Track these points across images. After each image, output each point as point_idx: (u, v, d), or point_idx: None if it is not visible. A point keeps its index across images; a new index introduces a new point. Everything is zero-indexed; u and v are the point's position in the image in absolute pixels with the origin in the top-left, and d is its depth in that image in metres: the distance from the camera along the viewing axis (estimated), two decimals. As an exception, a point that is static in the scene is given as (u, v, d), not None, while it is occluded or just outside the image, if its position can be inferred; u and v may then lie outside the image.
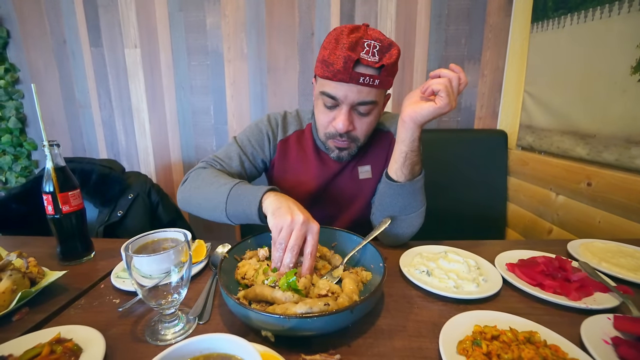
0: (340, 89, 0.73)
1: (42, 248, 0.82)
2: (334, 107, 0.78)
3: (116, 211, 1.12)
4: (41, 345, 0.46)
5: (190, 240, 0.54)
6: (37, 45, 1.62)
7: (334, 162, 0.91)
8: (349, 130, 0.78)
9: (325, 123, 0.81)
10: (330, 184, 0.92)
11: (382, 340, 0.49)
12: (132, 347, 0.50)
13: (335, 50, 0.72)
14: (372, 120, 0.80)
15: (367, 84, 0.72)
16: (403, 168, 0.73)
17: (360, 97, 0.74)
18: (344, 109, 0.75)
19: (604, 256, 0.70)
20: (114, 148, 1.72)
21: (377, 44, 0.71)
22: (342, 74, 0.71)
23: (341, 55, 0.70)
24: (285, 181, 0.92)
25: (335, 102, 0.76)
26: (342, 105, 0.76)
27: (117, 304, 0.61)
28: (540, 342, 0.45)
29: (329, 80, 0.74)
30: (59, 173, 0.72)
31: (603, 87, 1.01)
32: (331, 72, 0.72)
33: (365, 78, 0.70)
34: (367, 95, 0.74)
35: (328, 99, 0.76)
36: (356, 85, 0.72)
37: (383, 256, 0.61)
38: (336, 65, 0.71)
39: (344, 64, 0.70)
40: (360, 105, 0.76)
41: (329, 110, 0.79)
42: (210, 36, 1.55)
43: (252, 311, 0.45)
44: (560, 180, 1.20)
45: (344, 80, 0.71)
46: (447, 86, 0.63)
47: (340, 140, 0.81)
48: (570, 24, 1.11)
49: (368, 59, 0.70)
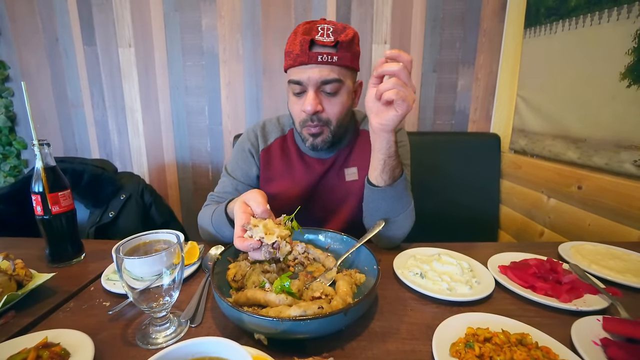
0: (302, 72, 0.77)
1: (31, 250, 0.80)
2: (302, 94, 0.81)
3: (108, 212, 1.11)
4: (27, 350, 0.45)
5: (182, 242, 0.54)
6: (29, 43, 1.59)
7: (318, 165, 0.92)
8: (317, 110, 0.79)
9: (297, 112, 0.83)
10: (317, 187, 0.93)
11: (376, 343, 0.49)
12: (122, 351, 0.49)
13: (293, 40, 0.78)
14: (341, 100, 0.81)
15: (326, 62, 0.75)
16: (383, 174, 0.74)
17: (322, 75, 0.76)
18: (310, 92, 0.78)
19: (594, 258, 0.71)
20: (106, 148, 1.70)
21: (330, 27, 0.76)
22: (301, 57, 0.75)
23: (297, 42, 0.75)
24: (271, 188, 0.93)
25: (302, 87, 0.79)
26: (307, 88, 0.79)
27: (107, 307, 0.60)
28: (531, 344, 0.45)
29: (292, 67, 0.78)
30: (49, 173, 0.71)
31: (593, 93, 1.03)
32: (292, 59, 0.77)
33: (322, 56, 0.74)
34: (329, 73, 0.76)
35: (295, 85, 0.80)
36: (316, 65, 0.75)
37: (377, 258, 0.61)
38: (295, 51, 0.76)
39: (301, 47, 0.75)
40: (325, 85, 0.78)
41: (298, 98, 0.82)
42: (206, 37, 1.54)
43: (245, 314, 0.45)
44: (552, 183, 1.22)
45: (304, 61, 0.75)
46: (399, 91, 0.62)
47: (312, 126, 0.82)
48: (562, 30, 1.13)
49: (323, 40, 0.74)
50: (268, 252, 0.56)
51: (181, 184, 1.72)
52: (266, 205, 0.60)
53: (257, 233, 0.55)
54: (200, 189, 1.70)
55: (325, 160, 0.93)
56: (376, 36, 1.51)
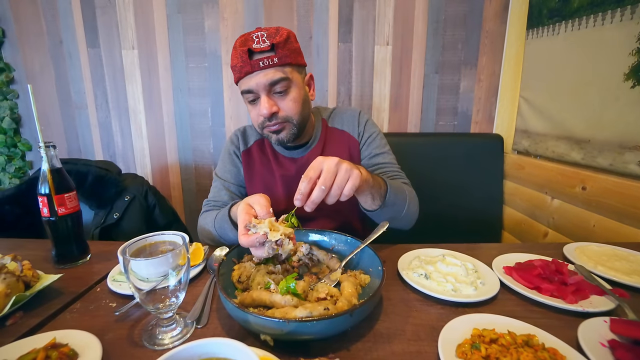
0: (250, 81, 0.81)
1: (37, 251, 0.81)
2: (256, 100, 0.84)
3: (112, 213, 1.11)
4: (36, 350, 0.45)
5: (188, 243, 0.54)
6: (33, 45, 1.60)
7: (291, 164, 0.96)
8: (272, 111, 0.82)
9: (255, 117, 0.87)
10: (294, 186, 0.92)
11: (381, 344, 0.49)
12: (129, 352, 0.49)
13: (234, 55, 0.81)
14: (293, 97, 0.84)
15: (268, 65, 0.79)
16: (373, 204, 0.75)
17: (268, 78, 0.80)
18: (263, 96, 0.82)
19: (600, 259, 0.70)
20: (110, 150, 1.71)
21: (264, 33, 0.79)
22: (245, 67, 0.79)
23: (238, 54, 0.79)
24: (254, 188, 0.98)
25: (254, 94, 0.82)
26: (259, 93, 0.82)
27: (114, 307, 0.60)
28: (538, 346, 0.45)
29: (241, 79, 0.82)
30: (54, 175, 0.71)
31: (597, 94, 1.03)
32: (237, 71, 0.81)
33: (263, 61, 0.78)
34: (274, 74, 0.80)
35: (247, 94, 0.83)
36: (260, 71, 0.79)
37: (382, 259, 0.61)
38: (238, 64, 0.80)
39: (241, 58, 0.79)
40: (275, 86, 0.81)
41: (254, 105, 0.85)
42: (209, 39, 1.55)
43: (251, 315, 0.45)
44: (556, 184, 1.21)
45: (249, 71, 0.79)
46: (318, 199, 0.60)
47: (271, 125, 0.85)
48: (565, 31, 1.13)
49: (259, 47, 0.78)
50: (271, 249, 0.56)
51: (184, 185, 1.72)
52: (269, 208, 0.61)
53: (262, 228, 0.56)
54: (203, 190, 1.71)
55: (297, 160, 0.96)
56: (378, 38, 1.52)
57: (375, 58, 1.53)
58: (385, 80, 1.55)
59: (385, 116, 1.60)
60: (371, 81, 1.56)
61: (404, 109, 1.59)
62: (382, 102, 1.58)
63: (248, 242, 0.57)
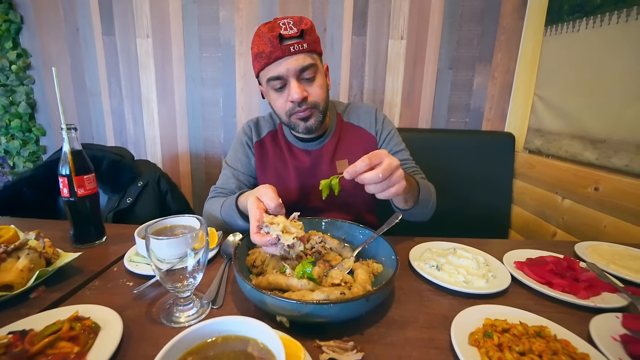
0: (280, 66, 0.80)
1: (55, 231, 0.83)
2: (283, 87, 0.83)
3: (125, 198, 1.13)
4: (61, 321, 0.47)
5: (206, 226, 0.55)
6: (50, 32, 1.62)
7: (304, 156, 0.96)
8: (304, 97, 0.82)
9: (282, 105, 0.86)
10: (308, 178, 0.96)
11: (395, 330, 0.50)
12: (148, 328, 0.51)
13: (260, 41, 0.80)
14: (320, 83, 0.85)
15: (298, 51, 0.79)
16: (406, 205, 0.79)
17: (299, 63, 0.80)
18: (292, 82, 0.81)
19: (612, 258, 0.70)
20: (122, 137, 1.73)
21: (289, 20, 0.79)
22: (275, 52, 0.78)
23: (266, 41, 0.78)
24: (266, 179, 0.98)
25: (282, 80, 0.82)
26: (288, 79, 0.81)
27: (131, 286, 0.62)
28: (550, 337, 0.46)
29: (268, 65, 0.81)
30: (75, 156, 0.73)
31: (616, 93, 1.01)
32: (266, 58, 0.80)
33: (294, 46, 0.78)
34: (304, 60, 0.80)
35: (275, 81, 0.82)
36: (290, 56, 0.79)
37: (395, 249, 0.61)
38: (266, 50, 0.79)
39: (271, 44, 0.78)
40: (304, 72, 0.81)
41: (280, 93, 0.84)
42: (223, 29, 1.55)
43: (268, 296, 0.46)
44: (567, 184, 1.20)
45: (279, 56, 0.79)
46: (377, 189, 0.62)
47: (300, 111, 0.84)
48: (586, 28, 1.11)
49: (289, 32, 0.78)
50: (283, 250, 0.57)
51: (194, 174, 1.74)
52: (278, 199, 0.62)
53: (275, 230, 0.57)
54: (213, 179, 1.71)
55: (311, 152, 0.96)
56: (393, 32, 1.50)
57: (389, 52, 1.52)
58: (398, 75, 1.55)
59: (397, 111, 1.59)
60: (384, 75, 1.55)
61: (415, 105, 1.58)
62: (394, 97, 1.57)
63: (260, 242, 0.59)
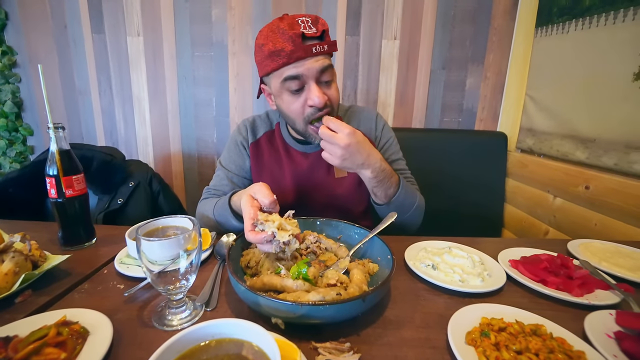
0: (300, 66, 0.75)
1: (42, 233, 0.80)
2: (300, 90, 0.78)
3: (116, 199, 1.11)
4: (47, 326, 0.45)
5: (198, 227, 0.54)
6: (37, 29, 1.58)
7: (302, 158, 0.94)
8: (325, 101, 0.77)
9: (298, 109, 0.80)
10: (306, 181, 0.94)
11: (391, 331, 0.50)
12: (140, 332, 0.49)
13: (277, 39, 0.74)
14: (336, 86, 0.82)
15: (320, 52, 0.75)
16: (377, 196, 0.80)
17: (320, 64, 0.75)
18: (312, 85, 0.76)
19: (604, 256, 0.71)
20: (112, 137, 1.70)
21: (307, 19, 0.75)
22: (297, 52, 0.73)
23: (287, 38, 0.73)
24: (262, 180, 0.92)
25: (300, 81, 0.76)
26: (307, 81, 0.77)
27: (122, 289, 0.60)
28: (546, 335, 0.46)
29: (287, 65, 0.75)
30: (63, 156, 0.71)
31: (605, 93, 1.03)
32: (286, 57, 0.74)
33: (315, 47, 0.74)
34: (324, 61, 0.76)
35: (292, 82, 0.76)
36: (312, 57, 0.75)
37: (390, 249, 0.61)
38: (287, 48, 0.73)
39: (293, 43, 0.72)
40: (323, 74, 0.77)
41: (296, 96, 0.79)
42: (216, 28, 1.54)
43: (263, 298, 0.45)
44: (559, 183, 1.22)
45: (301, 56, 0.73)
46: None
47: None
48: (575, 30, 1.13)
49: (310, 32, 0.74)
50: (279, 247, 0.57)
51: (186, 174, 1.72)
52: (273, 196, 0.61)
53: (270, 227, 0.56)
54: (206, 179, 1.70)
55: (309, 155, 0.94)
56: (386, 31, 1.51)
57: (382, 52, 1.53)
58: (391, 75, 1.55)
59: (391, 111, 1.59)
60: (377, 76, 1.55)
61: (409, 105, 1.59)
62: (387, 97, 1.58)
63: (255, 240, 0.58)
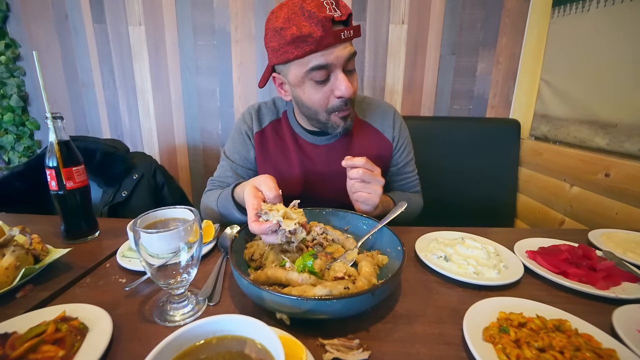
0: (330, 54, 0.68)
1: (46, 226, 0.80)
2: (325, 80, 0.72)
3: (121, 191, 1.10)
4: (46, 323, 0.44)
5: (200, 218, 0.52)
6: (38, 20, 1.56)
7: (311, 149, 0.89)
8: (352, 93, 0.72)
9: (323, 100, 0.74)
10: (314, 173, 0.89)
11: (402, 326, 0.47)
12: (140, 327, 0.48)
13: (303, 22, 0.65)
14: (356, 75, 0.78)
15: (347, 38, 0.68)
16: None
17: (347, 51, 0.69)
18: (339, 74, 0.70)
19: (629, 246, 0.67)
20: (117, 129, 1.69)
21: (332, 1, 0.67)
22: (327, 38, 0.66)
23: (316, 22, 0.65)
24: (268, 170, 0.91)
25: (327, 71, 0.70)
26: (334, 70, 0.71)
27: (124, 283, 0.59)
28: (571, 331, 0.43)
29: (314, 52, 0.68)
30: (62, 147, 0.69)
31: (628, 75, 0.97)
32: (314, 43, 0.66)
33: (344, 32, 0.67)
34: (350, 48, 0.70)
35: (319, 72, 0.70)
36: (341, 44, 0.68)
37: (401, 240, 0.58)
38: (316, 34, 0.65)
39: (323, 27, 0.65)
40: (348, 62, 0.71)
41: (321, 86, 0.73)
42: (218, 15, 1.49)
43: (267, 292, 0.43)
44: (576, 170, 1.17)
45: (331, 43, 0.66)
46: (361, 193, 0.70)
47: (346, 109, 0.76)
48: (597, 7, 1.06)
49: (338, 15, 0.67)
50: (285, 237, 0.54)
51: (192, 165, 1.70)
52: (278, 190, 0.58)
53: (275, 216, 0.53)
54: (211, 171, 1.66)
55: (319, 147, 0.89)
56: (393, 16, 1.45)
57: (389, 37, 1.47)
58: (399, 61, 1.49)
59: (399, 99, 1.54)
60: (385, 62, 1.50)
61: (417, 92, 1.54)
62: (395, 84, 1.52)
63: (260, 230, 0.54)
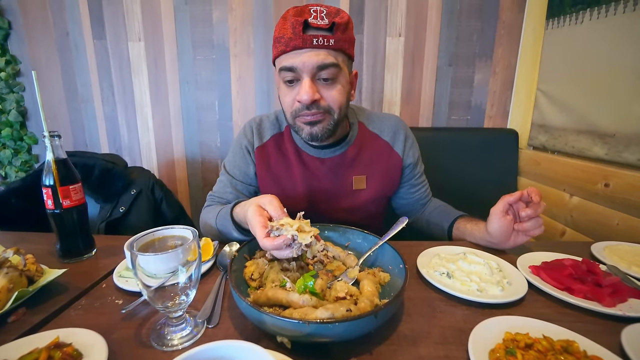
0: (296, 57, 0.69)
1: (42, 244, 0.78)
2: (295, 82, 0.73)
3: (118, 207, 1.09)
4: (38, 350, 0.43)
5: (198, 238, 0.51)
6: (39, 37, 1.58)
7: (316, 164, 0.86)
8: (314, 99, 0.71)
9: (289, 102, 0.75)
10: (319, 189, 0.87)
11: (406, 347, 0.46)
12: (137, 353, 0.46)
13: (282, 25, 0.70)
14: (340, 88, 0.74)
15: (322, 45, 0.68)
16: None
17: (318, 59, 0.68)
18: (305, 79, 0.70)
19: (634, 260, 0.66)
20: (116, 143, 1.69)
21: (323, 9, 0.69)
22: (295, 40, 0.67)
23: (289, 25, 0.68)
24: (268, 189, 0.88)
25: (295, 74, 0.71)
26: (302, 75, 0.71)
27: (120, 305, 0.57)
28: (579, 353, 0.41)
29: (284, 53, 0.70)
30: (59, 165, 0.69)
31: (625, 84, 0.97)
32: (283, 44, 0.69)
33: (318, 39, 0.67)
34: (325, 57, 0.69)
35: (287, 72, 0.71)
36: (311, 49, 0.68)
37: (403, 257, 0.57)
38: (286, 35, 0.68)
39: (293, 29, 0.67)
40: (322, 71, 0.70)
41: (291, 88, 0.74)
42: (217, 30, 1.51)
43: (267, 315, 0.42)
44: (575, 180, 1.16)
45: (298, 45, 0.67)
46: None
47: (308, 114, 0.73)
48: (590, 19, 1.07)
49: (317, 22, 0.67)
50: (300, 250, 0.53)
51: (190, 179, 1.70)
52: (283, 209, 0.58)
53: (289, 230, 0.53)
54: (210, 184, 1.66)
55: (325, 160, 0.86)
56: (390, 29, 1.47)
57: (387, 50, 1.49)
58: (397, 73, 1.51)
59: (397, 110, 1.55)
60: (382, 74, 1.51)
61: (415, 103, 1.55)
62: (393, 95, 1.54)
63: (273, 246, 0.53)
